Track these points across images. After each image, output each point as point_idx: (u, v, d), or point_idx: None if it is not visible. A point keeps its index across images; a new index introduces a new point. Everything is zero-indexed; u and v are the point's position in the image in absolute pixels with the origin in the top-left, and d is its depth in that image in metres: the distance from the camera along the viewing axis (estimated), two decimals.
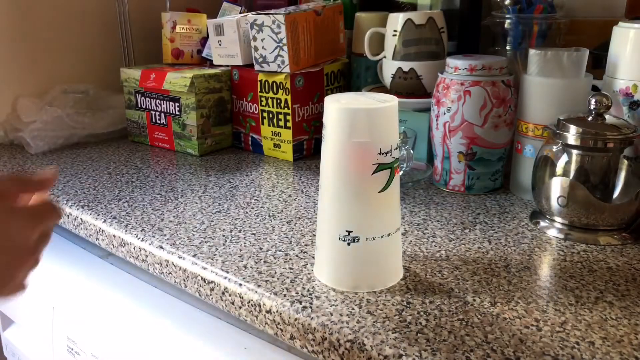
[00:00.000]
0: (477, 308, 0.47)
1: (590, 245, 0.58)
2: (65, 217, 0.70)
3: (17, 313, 0.86)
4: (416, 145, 0.79)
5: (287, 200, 0.70)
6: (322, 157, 0.49)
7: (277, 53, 0.82)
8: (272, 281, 0.51)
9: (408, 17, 0.80)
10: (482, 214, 0.66)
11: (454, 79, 0.69)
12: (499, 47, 0.87)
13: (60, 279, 0.76)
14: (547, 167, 0.60)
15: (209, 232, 0.62)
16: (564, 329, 0.44)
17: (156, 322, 0.64)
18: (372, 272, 0.50)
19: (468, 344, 0.42)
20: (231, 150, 0.94)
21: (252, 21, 0.83)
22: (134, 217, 0.66)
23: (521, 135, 0.70)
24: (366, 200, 0.48)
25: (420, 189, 0.74)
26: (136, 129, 0.98)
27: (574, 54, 0.65)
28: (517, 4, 0.83)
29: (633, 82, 0.64)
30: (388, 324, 0.45)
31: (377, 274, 0.50)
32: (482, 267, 0.53)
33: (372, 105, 0.46)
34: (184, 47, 1.01)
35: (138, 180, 0.79)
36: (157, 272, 0.59)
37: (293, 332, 0.47)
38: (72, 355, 0.72)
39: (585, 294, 0.49)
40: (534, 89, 0.67)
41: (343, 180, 0.48)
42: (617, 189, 0.58)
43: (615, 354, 0.41)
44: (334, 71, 0.91)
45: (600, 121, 0.59)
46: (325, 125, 0.48)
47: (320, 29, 0.87)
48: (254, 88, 0.88)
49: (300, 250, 0.57)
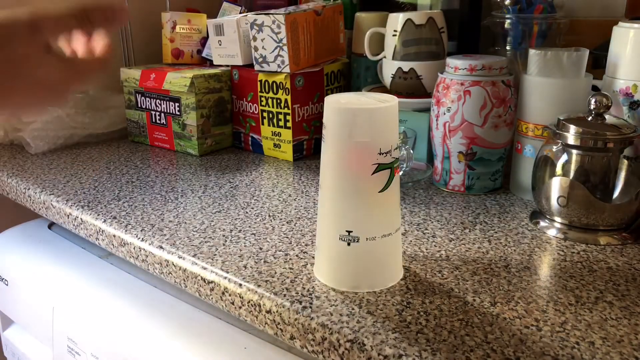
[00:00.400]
0: (477, 308, 0.47)
1: (590, 245, 0.58)
2: (65, 217, 0.70)
3: (17, 313, 0.86)
4: (416, 145, 0.79)
5: (287, 200, 0.70)
6: (322, 157, 0.49)
7: (277, 53, 0.82)
8: (272, 281, 0.51)
9: (408, 17, 0.80)
10: (482, 214, 0.66)
11: (454, 79, 0.69)
12: (499, 47, 0.87)
13: (60, 279, 0.76)
14: (547, 167, 0.60)
15: (209, 232, 0.62)
16: (564, 329, 0.44)
17: (156, 322, 0.64)
18: (372, 272, 0.50)
19: (468, 344, 0.42)
20: (231, 150, 0.94)
21: (252, 21, 0.83)
22: (134, 217, 0.66)
23: (521, 135, 0.70)
24: (366, 200, 0.48)
25: (420, 189, 0.74)
26: (136, 129, 0.98)
27: (574, 54, 0.65)
28: (517, 4, 0.83)
29: (633, 82, 0.64)
30: (388, 324, 0.45)
31: (377, 274, 0.50)
32: (482, 267, 0.53)
33: (372, 105, 0.46)
34: (184, 47, 1.01)
35: (138, 180, 0.79)
36: (157, 272, 0.59)
37: (293, 332, 0.47)
38: (72, 355, 0.72)
39: (585, 294, 0.49)
40: (534, 89, 0.67)
41: (343, 180, 0.48)
42: (617, 189, 0.58)
43: (615, 354, 0.41)
44: (334, 71, 0.91)
45: (600, 121, 0.59)
46: (325, 125, 0.48)
47: (320, 29, 0.87)
48: (254, 88, 0.88)
49: (300, 250, 0.57)
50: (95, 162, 0.87)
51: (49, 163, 0.87)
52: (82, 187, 0.76)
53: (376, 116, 0.46)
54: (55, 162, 0.87)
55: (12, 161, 0.88)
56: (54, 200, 0.72)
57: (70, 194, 0.73)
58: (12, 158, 0.89)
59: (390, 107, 0.47)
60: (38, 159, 0.89)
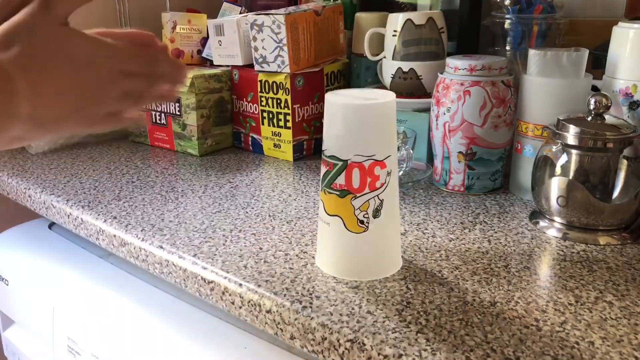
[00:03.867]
0: (477, 308, 0.47)
1: (590, 245, 0.58)
2: (66, 217, 0.70)
3: (17, 313, 0.86)
4: (416, 145, 0.79)
5: (287, 200, 0.71)
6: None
7: (277, 53, 0.82)
8: (272, 281, 0.51)
9: (408, 17, 0.80)
10: (482, 214, 0.66)
11: (453, 79, 0.69)
12: (499, 47, 0.87)
13: (60, 279, 0.76)
14: (547, 167, 0.60)
15: (209, 232, 0.62)
16: (564, 329, 0.44)
17: (156, 322, 0.64)
18: (373, 260, 0.51)
19: (468, 344, 0.42)
20: (231, 150, 0.94)
21: (252, 21, 0.83)
22: (134, 217, 0.66)
23: (521, 135, 0.70)
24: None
25: (420, 189, 0.74)
26: (136, 129, 0.98)
27: (573, 54, 0.65)
28: (517, 4, 0.83)
29: (633, 82, 0.64)
30: (388, 324, 0.45)
31: (377, 263, 0.52)
32: (482, 267, 0.54)
33: (364, 102, 0.48)
34: (184, 47, 1.01)
35: (138, 180, 0.79)
36: (157, 272, 0.60)
37: (293, 332, 0.47)
38: (72, 355, 0.72)
39: (585, 294, 0.49)
40: (533, 89, 0.67)
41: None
42: (616, 189, 0.58)
43: (615, 354, 0.41)
44: (334, 71, 0.91)
45: (599, 121, 0.59)
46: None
47: (320, 29, 0.87)
48: (254, 88, 0.88)
49: (300, 250, 0.57)
50: (96, 162, 0.88)
51: (49, 163, 0.87)
52: (82, 187, 0.76)
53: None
54: (55, 162, 0.88)
55: (12, 161, 0.88)
56: (54, 200, 0.72)
57: (71, 194, 0.73)
58: (12, 158, 0.89)
59: (378, 105, 0.48)
60: (38, 159, 0.89)
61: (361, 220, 0.50)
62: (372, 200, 0.49)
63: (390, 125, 0.49)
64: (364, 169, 0.48)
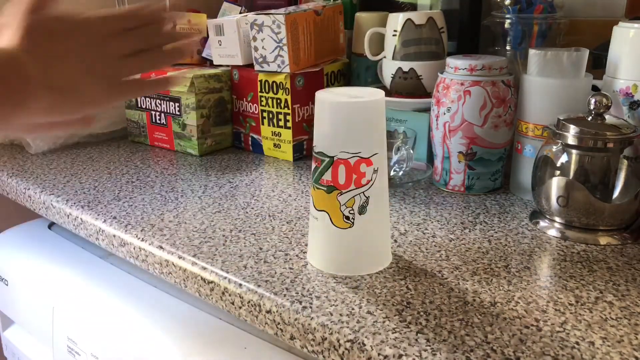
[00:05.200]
0: (477, 308, 0.47)
1: (590, 245, 0.58)
2: (65, 217, 0.70)
3: (16, 313, 0.86)
4: (416, 145, 0.79)
5: (287, 200, 0.70)
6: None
7: (277, 53, 0.82)
8: (272, 281, 0.51)
9: (408, 17, 0.80)
10: (482, 214, 0.66)
11: (454, 79, 0.69)
12: (499, 47, 0.87)
13: (60, 279, 0.76)
14: (547, 167, 0.60)
15: (209, 232, 0.62)
16: (564, 329, 0.44)
17: (156, 322, 0.64)
18: (356, 256, 0.52)
19: (468, 344, 0.42)
20: (231, 150, 0.94)
21: (252, 21, 0.83)
22: (134, 217, 0.66)
23: (521, 135, 0.70)
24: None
25: (420, 189, 0.74)
26: (136, 129, 0.98)
27: (574, 54, 0.65)
28: (517, 4, 0.83)
29: (633, 82, 0.64)
30: (388, 324, 0.45)
31: (361, 259, 0.52)
32: (482, 267, 0.53)
33: (350, 100, 0.48)
34: None
35: (138, 180, 0.79)
36: (157, 272, 0.60)
37: (293, 332, 0.47)
38: (72, 355, 0.72)
39: (585, 294, 0.49)
40: (533, 89, 0.67)
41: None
42: (616, 189, 0.58)
43: (615, 354, 0.41)
44: (334, 71, 0.91)
45: (600, 121, 0.59)
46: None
47: (320, 29, 0.87)
48: (254, 88, 0.88)
49: (300, 250, 0.57)
50: (95, 162, 0.87)
51: (49, 163, 0.87)
52: (82, 187, 0.76)
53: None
54: (55, 162, 0.87)
55: (12, 161, 0.88)
56: (54, 200, 0.72)
57: (70, 194, 0.73)
58: (12, 158, 0.89)
59: (366, 103, 0.49)
60: (38, 159, 0.89)
61: (347, 216, 0.50)
62: (358, 196, 0.50)
63: (378, 124, 0.49)
64: (350, 166, 0.49)
